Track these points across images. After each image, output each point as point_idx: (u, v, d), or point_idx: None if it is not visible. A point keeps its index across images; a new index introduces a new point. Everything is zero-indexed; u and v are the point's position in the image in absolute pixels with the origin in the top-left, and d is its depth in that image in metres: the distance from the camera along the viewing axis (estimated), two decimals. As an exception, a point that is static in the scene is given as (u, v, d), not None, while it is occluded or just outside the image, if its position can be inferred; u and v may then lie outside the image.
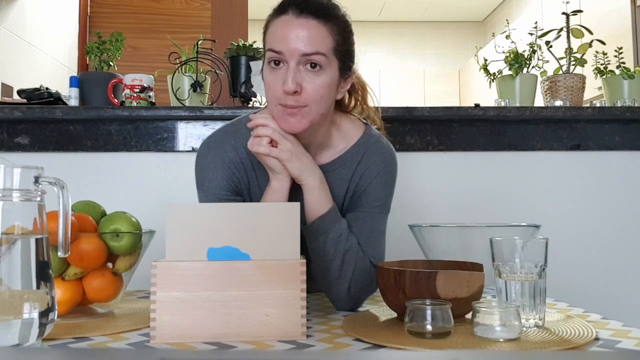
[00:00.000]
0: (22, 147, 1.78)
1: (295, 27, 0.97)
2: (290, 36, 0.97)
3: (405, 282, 0.88)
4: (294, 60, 0.97)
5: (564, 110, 1.83)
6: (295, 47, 0.97)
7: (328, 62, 0.99)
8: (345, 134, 1.13)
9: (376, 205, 1.11)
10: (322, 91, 0.99)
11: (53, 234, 0.79)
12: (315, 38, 0.97)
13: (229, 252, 0.84)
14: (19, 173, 0.74)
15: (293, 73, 0.97)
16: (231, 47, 1.91)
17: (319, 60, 0.98)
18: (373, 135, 1.15)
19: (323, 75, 0.99)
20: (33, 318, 0.72)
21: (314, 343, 0.80)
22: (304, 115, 1.00)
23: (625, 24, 3.53)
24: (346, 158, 1.12)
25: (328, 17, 1.00)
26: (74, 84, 1.89)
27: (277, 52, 0.98)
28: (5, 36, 2.53)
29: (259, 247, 0.84)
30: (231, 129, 1.15)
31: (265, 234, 0.85)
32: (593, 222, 1.87)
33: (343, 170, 1.11)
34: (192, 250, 0.83)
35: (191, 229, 0.84)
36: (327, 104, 1.02)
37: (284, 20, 0.99)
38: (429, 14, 6.58)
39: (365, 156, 1.11)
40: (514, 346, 0.76)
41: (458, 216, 1.82)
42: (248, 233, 0.84)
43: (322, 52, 0.98)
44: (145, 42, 3.20)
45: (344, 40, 1.03)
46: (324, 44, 0.98)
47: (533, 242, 0.89)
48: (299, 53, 0.97)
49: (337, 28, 1.01)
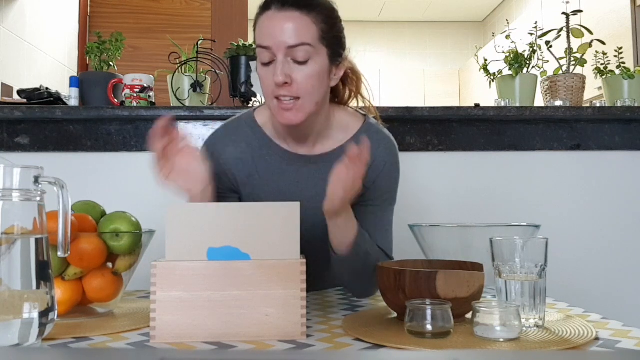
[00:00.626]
0: (22, 147, 1.78)
1: (279, 21, 1.00)
2: (275, 30, 1.00)
3: (405, 282, 0.88)
4: (281, 53, 1.00)
5: (564, 110, 1.83)
6: (281, 40, 0.99)
7: (315, 51, 1.01)
8: (344, 125, 1.15)
9: (386, 197, 1.14)
10: (313, 81, 1.01)
11: (53, 234, 0.79)
12: (299, 29, 1.00)
13: (229, 252, 0.84)
14: (19, 173, 0.74)
15: (282, 65, 0.99)
16: (231, 47, 1.91)
17: (305, 50, 1.00)
18: (373, 126, 1.16)
19: (312, 64, 1.01)
20: (33, 318, 0.72)
21: (314, 343, 0.80)
22: (299, 108, 1.02)
23: (625, 24, 3.53)
24: (347, 148, 1.12)
25: (311, 7, 1.01)
26: (74, 84, 1.89)
27: (265, 47, 1.01)
28: (5, 36, 2.53)
29: (259, 247, 0.84)
30: (232, 125, 1.18)
31: (266, 233, 0.85)
32: (593, 222, 1.87)
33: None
34: (192, 250, 0.83)
35: (191, 229, 0.84)
36: (320, 92, 1.04)
37: (268, 16, 1.02)
38: (429, 14, 6.58)
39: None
40: (514, 346, 0.76)
41: (458, 216, 1.82)
42: (248, 233, 0.84)
43: (308, 42, 1.00)
44: (145, 42, 3.20)
45: (330, 28, 1.04)
46: (309, 33, 1.00)
47: (533, 242, 0.89)
48: (285, 46, 0.99)
49: (322, 16, 1.02)
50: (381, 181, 1.13)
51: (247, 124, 1.16)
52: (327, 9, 1.05)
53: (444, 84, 6.49)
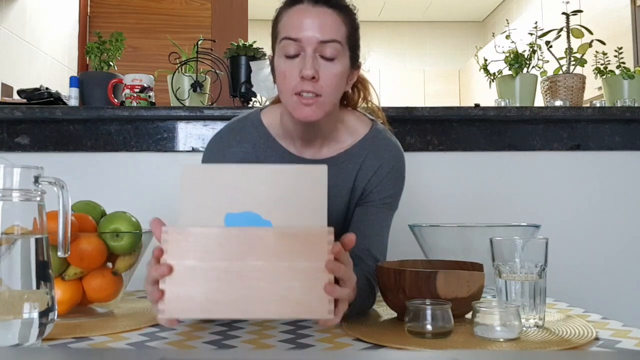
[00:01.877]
0: (22, 147, 1.78)
1: (312, 15, 1.00)
2: (306, 24, 0.99)
3: (405, 282, 0.88)
4: (311, 47, 0.99)
5: (564, 110, 1.83)
6: (313, 35, 0.99)
7: (342, 51, 1.01)
8: (352, 129, 1.14)
9: (387, 202, 1.13)
10: (337, 79, 1.01)
11: (53, 233, 0.79)
12: (332, 26, 1.00)
13: (248, 218, 0.76)
14: (19, 173, 0.74)
15: (311, 59, 0.98)
16: (231, 47, 1.91)
17: (335, 47, 0.99)
18: (380, 131, 1.16)
19: (338, 64, 1.01)
20: (33, 318, 0.72)
21: (314, 343, 0.80)
22: (319, 105, 1.01)
23: (625, 24, 3.53)
24: (352, 152, 1.12)
25: (342, 8, 1.02)
26: (74, 84, 1.89)
27: (294, 40, 0.99)
28: (5, 36, 2.53)
29: (282, 214, 0.76)
30: (237, 126, 1.16)
31: (290, 198, 0.76)
32: (593, 222, 1.87)
33: (349, 164, 1.12)
34: (209, 215, 0.75)
35: (208, 193, 0.76)
36: (339, 93, 1.05)
37: (300, 9, 1.01)
38: (429, 14, 6.58)
39: (373, 152, 1.12)
40: (514, 346, 0.76)
41: (458, 216, 1.82)
42: (270, 198, 0.76)
43: (338, 39, 1.00)
44: (145, 42, 3.20)
45: (354, 31, 1.05)
46: (340, 32, 1.01)
47: (533, 242, 0.89)
48: (316, 40, 0.99)
49: (349, 19, 1.03)
50: (384, 185, 1.12)
51: (253, 125, 1.14)
52: (353, 13, 1.06)
53: (444, 84, 6.49)
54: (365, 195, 1.12)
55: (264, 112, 1.17)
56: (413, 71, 6.55)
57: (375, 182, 1.11)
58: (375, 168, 1.12)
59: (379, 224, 1.12)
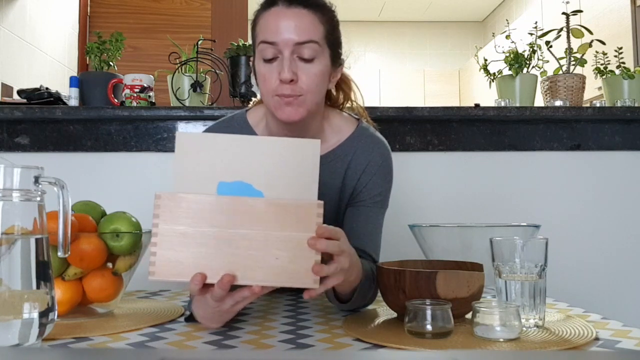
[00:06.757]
0: (22, 147, 1.78)
1: (287, 17, 0.99)
2: (282, 26, 0.99)
3: (405, 282, 0.88)
4: (288, 50, 0.99)
5: (564, 110, 1.83)
6: (289, 37, 0.98)
7: (321, 51, 1.01)
8: (337, 128, 1.14)
9: (377, 200, 1.13)
10: (317, 79, 1.01)
11: (53, 234, 0.79)
12: (308, 27, 0.99)
13: (240, 187, 0.78)
14: (19, 173, 0.74)
15: (289, 62, 0.98)
16: (231, 47, 1.91)
17: (312, 48, 0.99)
18: (366, 129, 1.16)
19: (317, 63, 1.00)
20: (33, 318, 0.72)
21: (314, 343, 0.80)
22: (300, 104, 1.01)
23: (625, 23, 3.53)
24: (339, 151, 1.12)
25: (317, 6, 1.01)
26: (74, 84, 1.89)
27: (271, 43, 0.99)
28: (5, 36, 2.53)
29: (273, 185, 0.77)
30: (223, 125, 1.17)
31: (282, 171, 0.78)
32: (593, 222, 1.87)
33: (336, 163, 1.12)
34: (201, 183, 0.77)
35: (201, 161, 0.78)
36: (321, 93, 1.04)
37: (275, 12, 1.00)
38: (429, 14, 6.58)
39: (359, 150, 1.12)
40: (514, 346, 0.76)
41: (458, 216, 1.82)
42: (263, 169, 0.78)
43: (315, 40, 0.99)
44: (145, 42, 3.20)
45: (333, 29, 1.04)
46: (317, 32, 1.00)
47: (533, 242, 0.89)
48: (293, 42, 0.98)
49: (326, 17, 1.03)
50: (373, 184, 1.12)
51: (239, 124, 1.15)
52: (331, 11, 1.05)
53: (444, 84, 6.48)
54: (356, 195, 1.12)
55: (250, 112, 1.18)
56: (413, 71, 6.55)
57: (365, 180, 1.12)
58: (364, 166, 1.12)
59: (372, 223, 1.12)
